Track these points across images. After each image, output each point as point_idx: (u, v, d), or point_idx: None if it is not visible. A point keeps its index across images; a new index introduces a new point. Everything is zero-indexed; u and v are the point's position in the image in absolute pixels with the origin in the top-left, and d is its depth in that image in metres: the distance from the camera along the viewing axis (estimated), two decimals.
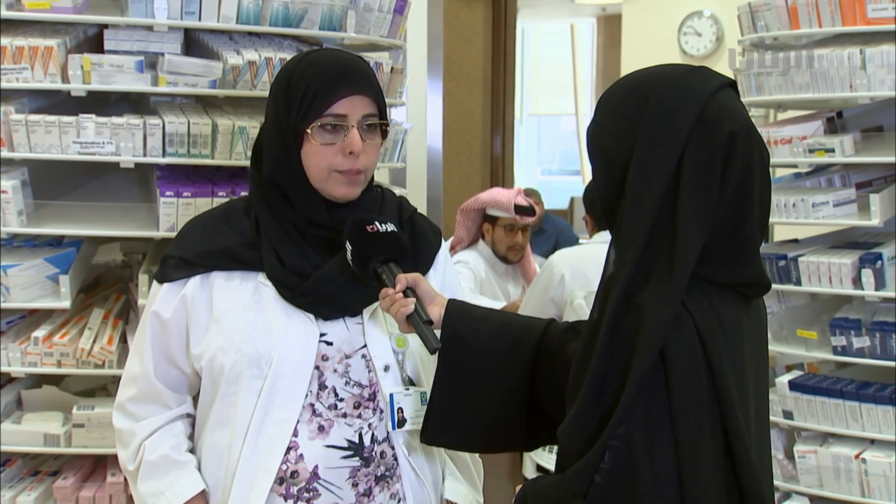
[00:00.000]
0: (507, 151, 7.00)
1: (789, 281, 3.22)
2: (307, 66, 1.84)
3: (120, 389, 1.93)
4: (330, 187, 1.84)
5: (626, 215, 1.47)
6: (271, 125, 1.86)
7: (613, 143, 1.51)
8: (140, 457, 1.87)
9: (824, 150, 3.16)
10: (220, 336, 1.82)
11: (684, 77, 1.50)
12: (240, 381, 1.80)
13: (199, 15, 2.45)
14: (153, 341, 1.87)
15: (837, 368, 3.41)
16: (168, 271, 1.87)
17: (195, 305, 1.85)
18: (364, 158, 1.84)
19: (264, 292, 1.84)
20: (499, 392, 1.79)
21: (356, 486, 1.82)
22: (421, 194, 3.62)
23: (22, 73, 2.41)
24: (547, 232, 6.44)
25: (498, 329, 1.81)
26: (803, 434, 3.30)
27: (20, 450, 2.60)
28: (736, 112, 1.49)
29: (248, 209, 1.91)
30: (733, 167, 1.47)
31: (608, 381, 1.44)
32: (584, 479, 1.44)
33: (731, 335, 1.50)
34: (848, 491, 3.13)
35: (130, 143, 2.44)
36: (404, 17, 2.90)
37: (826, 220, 3.22)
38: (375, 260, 1.81)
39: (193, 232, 1.91)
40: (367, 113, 1.83)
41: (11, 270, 2.47)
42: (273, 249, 1.84)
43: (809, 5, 3.11)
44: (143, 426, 1.88)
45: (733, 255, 1.51)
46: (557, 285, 3.72)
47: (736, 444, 1.45)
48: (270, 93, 1.88)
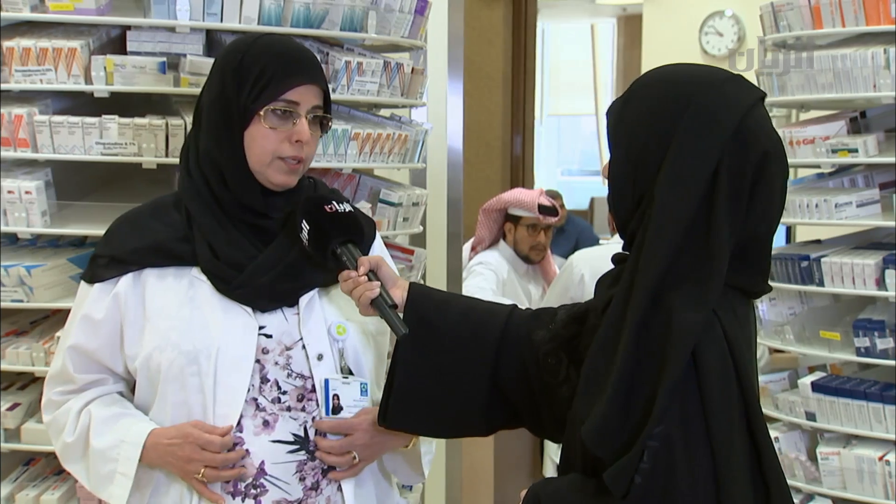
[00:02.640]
0: (528, 152, 6.99)
1: (812, 282, 3.20)
2: (264, 46, 1.81)
3: (45, 390, 1.92)
4: (270, 173, 1.81)
5: (657, 215, 1.45)
6: (215, 101, 1.82)
7: (644, 138, 1.49)
8: (83, 422, 1.83)
9: (847, 151, 3.15)
10: (156, 334, 1.79)
11: (725, 85, 1.49)
12: (179, 378, 1.78)
13: (221, 16, 2.46)
14: (79, 342, 1.85)
15: (860, 370, 3.39)
16: (98, 271, 1.85)
17: (128, 304, 1.82)
18: (307, 148, 1.82)
19: (199, 287, 1.81)
20: (461, 377, 1.78)
21: (303, 480, 1.81)
22: (441, 195, 3.62)
23: (46, 74, 2.43)
24: (567, 232, 6.43)
25: (461, 313, 1.80)
26: (826, 436, 3.28)
27: (44, 449, 2.61)
28: (769, 130, 1.50)
29: (177, 203, 1.87)
30: (761, 186, 1.47)
31: (636, 384, 1.44)
32: (623, 481, 1.43)
33: (747, 336, 1.52)
34: (871, 493, 3.11)
35: (153, 143, 2.45)
36: (425, 17, 2.90)
37: (849, 221, 3.20)
38: (335, 241, 1.78)
39: (122, 229, 1.88)
40: (316, 104, 1.83)
41: (35, 271, 2.49)
42: (206, 242, 1.81)
43: (833, 5, 3.09)
44: (78, 399, 1.86)
45: (752, 262, 1.52)
46: (577, 285, 3.71)
47: (762, 442, 1.46)
48: (215, 68, 1.85)
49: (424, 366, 1.77)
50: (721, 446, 1.42)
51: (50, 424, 1.91)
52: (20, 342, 2.58)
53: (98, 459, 1.82)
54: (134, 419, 1.83)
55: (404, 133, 2.74)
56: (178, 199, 1.87)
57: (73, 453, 1.87)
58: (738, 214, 1.46)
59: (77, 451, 1.86)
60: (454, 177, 3.69)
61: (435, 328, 1.77)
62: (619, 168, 1.53)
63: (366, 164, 2.68)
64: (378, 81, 2.63)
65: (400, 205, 2.72)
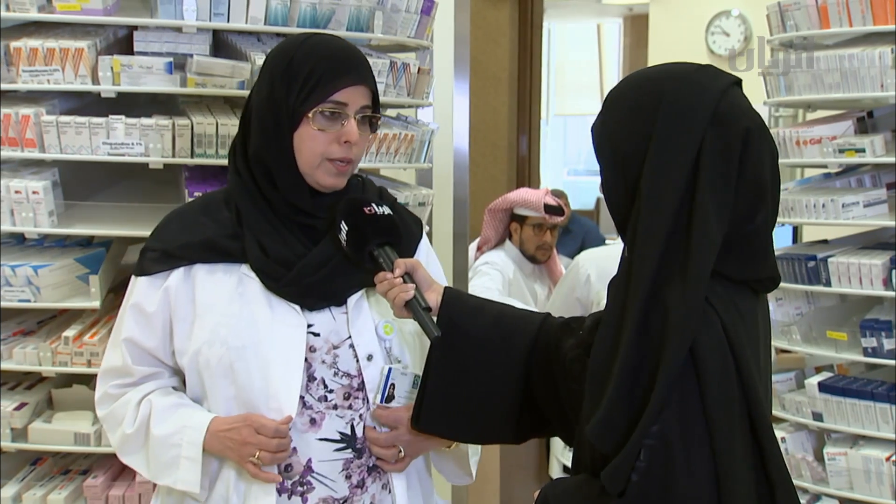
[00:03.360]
0: (534, 152, 6.99)
1: (819, 282, 3.20)
2: (312, 47, 1.81)
3: (99, 384, 1.91)
4: (319, 175, 1.81)
5: (644, 214, 1.46)
6: (264, 102, 1.82)
7: (625, 142, 1.51)
8: (143, 412, 1.84)
9: (854, 150, 3.14)
10: (205, 330, 1.80)
11: (695, 74, 1.51)
12: (228, 374, 1.79)
13: (228, 16, 2.46)
14: (133, 335, 1.85)
15: (868, 370, 3.38)
16: (148, 264, 1.85)
17: (178, 299, 1.82)
18: (356, 149, 1.82)
19: (248, 284, 1.82)
20: (492, 383, 1.78)
21: (349, 478, 1.82)
22: (447, 195, 3.62)
23: (53, 74, 2.43)
24: (573, 232, 6.43)
25: (494, 319, 1.80)
26: (833, 436, 3.27)
27: (51, 448, 2.62)
28: (748, 109, 1.51)
29: (227, 201, 1.87)
30: (748, 163, 1.47)
31: (638, 380, 1.44)
32: (619, 479, 1.43)
33: (751, 331, 1.51)
34: (878, 493, 3.10)
35: (159, 143, 2.45)
36: (431, 17, 2.90)
37: (856, 221, 3.19)
38: (373, 242, 1.79)
39: (173, 224, 1.89)
40: (365, 104, 1.82)
41: (42, 270, 2.49)
42: (256, 240, 1.81)
43: (840, 4, 3.09)
44: (136, 391, 1.86)
45: (750, 252, 1.51)
46: (584, 285, 3.71)
47: (765, 438, 1.46)
48: (264, 70, 1.84)
49: (456, 370, 1.78)
50: (721, 443, 1.42)
51: (106, 418, 1.91)
52: (27, 342, 2.59)
53: (160, 446, 1.82)
54: (194, 409, 1.84)
55: (410, 133, 2.74)
56: (228, 197, 1.88)
57: (132, 444, 1.87)
58: (725, 198, 1.45)
59: (137, 442, 1.86)
60: (460, 177, 3.69)
61: (467, 333, 1.78)
62: (609, 175, 1.55)
63: (372, 164, 2.68)
64: (384, 81, 2.63)
65: (406, 205, 2.72)
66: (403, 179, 3.11)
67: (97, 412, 1.93)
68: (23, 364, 2.56)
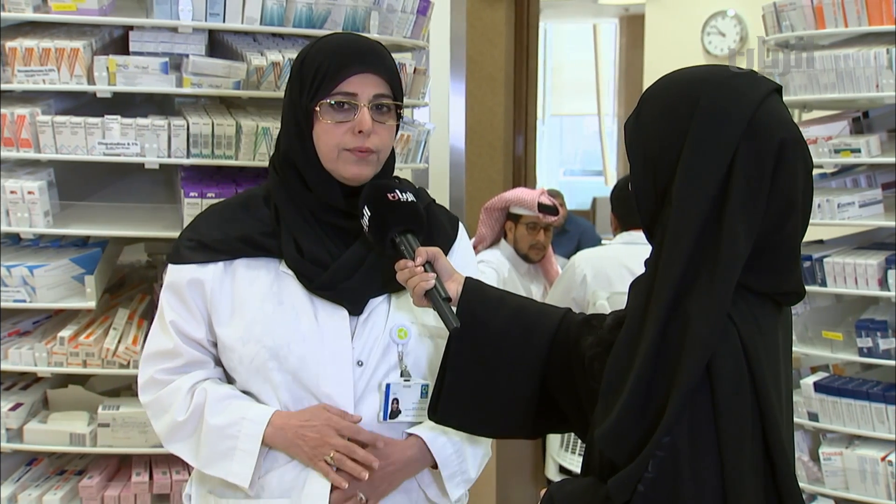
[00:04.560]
0: (530, 152, 6.98)
1: (814, 282, 3.20)
2: (321, 46, 1.83)
3: (143, 370, 1.89)
4: (340, 167, 1.80)
5: (673, 218, 1.44)
6: (287, 105, 1.85)
7: (658, 143, 1.48)
8: (198, 400, 1.81)
9: (850, 151, 3.14)
10: (240, 327, 1.80)
11: (733, 80, 1.47)
12: (262, 371, 1.79)
13: (224, 16, 2.46)
14: (175, 319, 1.84)
15: (863, 370, 3.39)
16: (184, 252, 1.84)
17: (216, 293, 1.82)
18: (375, 139, 1.80)
19: (287, 281, 1.82)
20: (511, 376, 1.76)
21: None
22: (443, 195, 3.62)
23: (48, 74, 2.43)
24: (570, 233, 6.43)
25: (514, 312, 1.77)
26: (829, 436, 3.28)
27: (46, 449, 2.62)
28: (785, 119, 1.47)
29: (267, 198, 1.88)
30: (781, 177, 1.44)
31: (653, 389, 1.42)
32: (626, 488, 1.42)
33: (770, 345, 1.48)
34: (874, 493, 3.10)
35: (155, 144, 2.45)
36: (427, 17, 2.90)
37: (852, 221, 3.20)
38: (395, 229, 1.77)
39: (211, 217, 1.89)
40: (379, 93, 1.80)
41: (38, 271, 2.49)
42: (292, 238, 1.82)
43: (835, 4, 3.09)
44: (186, 379, 1.84)
45: (777, 265, 1.49)
46: (580, 286, 3.71)
47: (777, 456, 1.44)
48: (290, 73, 1.87)
49: (474, 362, 1.75)
50: (730, 457, 1.40)
51: (151, 404, 1.88)
52: (23, 342, 2.59)
53: (214, 436, 1.80)
54: (250, 401, 1.83)
55: (407, 133, 2.74)
56: (268, 194, 1.88)
57: (182, 431, 1.84)
58: (755, 211, 1.43)
59: (187, 429, 1.84)
60: (456, 177, 3.70)
61: (486, 325, 1.75)
62: (639, 176, 1.52)
63: None
64: None
65: None
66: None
67: (140, 397, 1.90)
68: (18, 364, 2.55)
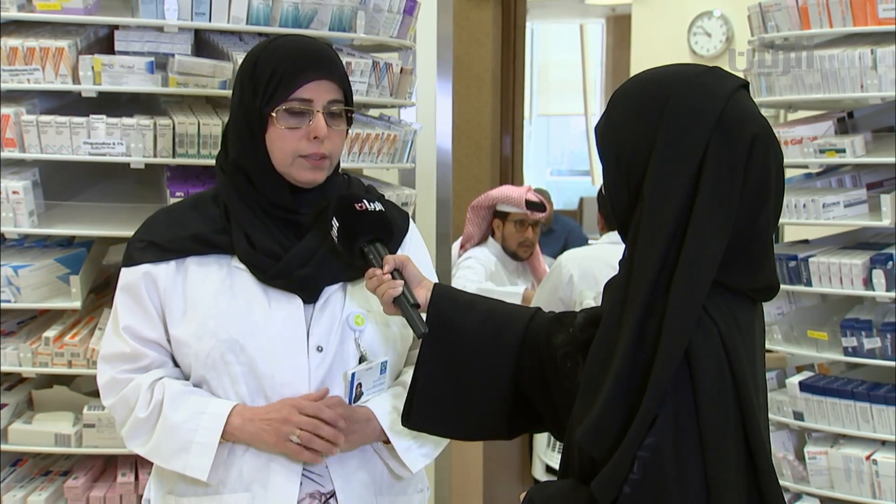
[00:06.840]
0: (517, 152, 6.99)
1: (800, 282, 3.21)
2: (274, 49, 1.83)
3: (103, 371, 1.89)
4: (294, 172, 1.83)
5: (645, 218, 1.45)
6: (237, 109, 1.85)
7: (629, 144, 1.49)
8: (157, 397, 1.83)
9: (835, 151, 3.16)
10: (194, 323, 1.82)
11: (702, 77, 1.48)
12: (220, 366, 1.81)
13: (210, 16, 2.46)
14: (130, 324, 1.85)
15: (848, 369, 3.40)
16: (135, 254, 1.86)
17: (169, 292, 1.83)
18: (329, 144, 1.83)
19: (239, 276, 1.84)
20: (483, 379, 1.77)
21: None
22: (430, 194, 3.62)
23: (33, 73, 2.42)
24: (556, 232, 6.43)
25: (484, 315, 1.79)
26: (814, 435, 3.29)
27: (31, 450, 2.61)
28: (754, 114, 1.48)
29: (216, 198, 1.90)
30: (753, 171, 1.45)
31: (632, 386, 1.43)
32: (610, 490, 1.42)
33: (748, 342, 1.49)
34: (859, 492, 3.12)
35: (141, 143, 2.44)
36: (414, 17, 2.90)
37: (837, 221, 3.21)
38: (363, 239, 1.80)
39: (160, 219, 1.91)
40: (333, 99, 1.83)
41: (22, 271, 2.48)
42: (243, 232, 1.84)
43: (820, 5, 3.10)
44: (147, 376, 1.85)
45: (750, 260, 1.49)
46: (566, 286, 3.71)
47: (758, 453, 1.44)
48: (237, 76, 1.87)
49: (446, 367, 1.77)
50: (714, 457, 1.41)
51: (115, 405, 1.88)
52: (7, 343, 2.58)
53: (172, 431, 1.81)
54: (209, 396, 1.84)
55: (393, 133, 2.74)
56: (216, 194, 1.90)
57: (142, 428, 1.85)
58: (729, 206, 1.43)
59: (147, 426, 1.85)
60: (443, 177, 3.69)
61: (457, 329, 1.77)
62: (611, 176, 1.52)
63: (355, 165, 2.68)
64: (367, 81, 2.63)
65: None
66: (386, 180, 3.10)
67: (103, 400, 1.91)
68: (3, 365, 2.54)
